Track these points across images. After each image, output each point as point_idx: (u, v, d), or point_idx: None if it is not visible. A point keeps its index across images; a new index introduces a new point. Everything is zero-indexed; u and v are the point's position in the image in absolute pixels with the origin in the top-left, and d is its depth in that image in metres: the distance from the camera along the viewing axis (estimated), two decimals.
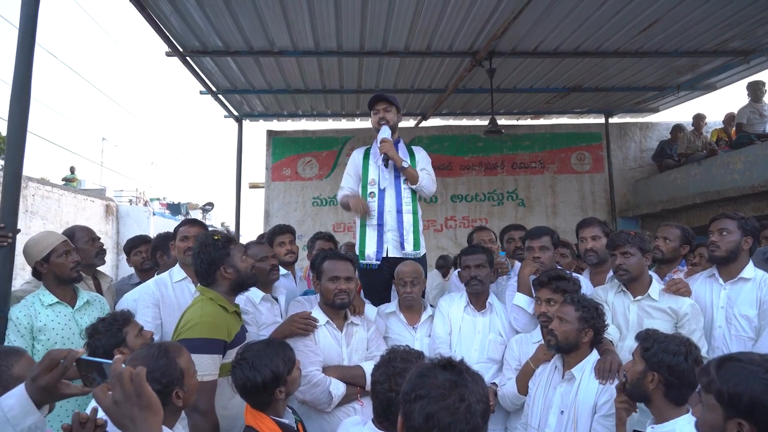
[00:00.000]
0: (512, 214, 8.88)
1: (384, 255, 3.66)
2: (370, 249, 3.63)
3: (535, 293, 2.99)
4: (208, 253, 2.54)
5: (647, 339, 2.15)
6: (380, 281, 3.70)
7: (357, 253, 3.68)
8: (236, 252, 2.61)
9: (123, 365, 1.25)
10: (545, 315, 2.82)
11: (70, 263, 2.95)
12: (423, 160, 3.85)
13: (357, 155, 3.94)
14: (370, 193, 3.71)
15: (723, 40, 6.09)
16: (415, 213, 3.72)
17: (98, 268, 3.78)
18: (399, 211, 3.67)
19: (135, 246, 4.31)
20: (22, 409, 1.39)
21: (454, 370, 1.30)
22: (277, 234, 3.94)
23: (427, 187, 3.75)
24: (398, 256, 3.61)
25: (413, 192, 3.74)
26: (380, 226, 3.65)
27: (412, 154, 3.83)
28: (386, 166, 3.67)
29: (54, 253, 2.92)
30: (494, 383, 3.05)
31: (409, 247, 3.63)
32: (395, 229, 3.66)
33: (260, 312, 3.11)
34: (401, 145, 3.82)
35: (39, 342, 2.78)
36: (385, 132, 3.66)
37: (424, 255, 3.77)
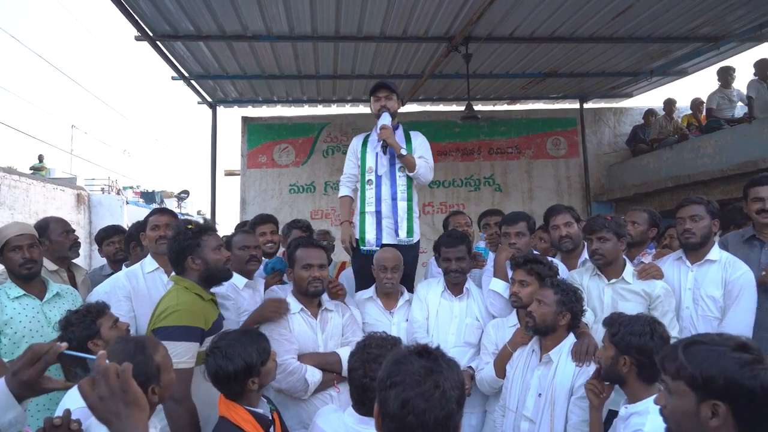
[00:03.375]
0: (489, 199, 8.93)
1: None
2: (370, 235, 3.66)
3: (511, 274, 3.02)
4: (178, 242, 2.53)
5: (613, 324, 2.20)
6: None
7: (357, 239, 3.71)
8: (209, 243, 2.55)
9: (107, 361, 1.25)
10: (516, 295, 2.87)
11: (19, 259, 2.79)
12: (421, 146, 3.84)
13: (356, 142, 3.95)
14: (368, 180, 3.74)
15: (694, 26, 6.17)
16: (410, 200, 3.74)
17: (72, 260, 3.69)
18: (394, 199, 3.69)
19: (108, 236, 4.22)
20: (3, 404, 1.37)
21: (429, 356, 1.31)
22: (258, 224, 3.90)
23: (423, 175, 3.77)
24: (392, 242, 3.62)
25: (409, 179, 3.75)
26: (378, 213, 3.68)
27: (409, 140, 3.83)
28: (385, 153, 3.67)
29: (6, 246, 2.79)
30: (470, 367, 3.08)
31: (402, 234, 3.65)
32: (390, 216, 3.69)
33: (242, 297, 3.09)
34: (399, 132, 3.81)
35: (5, 336, 2.70)
36: (385, 119, 3.66)
37: (418, 242, 3.80)
